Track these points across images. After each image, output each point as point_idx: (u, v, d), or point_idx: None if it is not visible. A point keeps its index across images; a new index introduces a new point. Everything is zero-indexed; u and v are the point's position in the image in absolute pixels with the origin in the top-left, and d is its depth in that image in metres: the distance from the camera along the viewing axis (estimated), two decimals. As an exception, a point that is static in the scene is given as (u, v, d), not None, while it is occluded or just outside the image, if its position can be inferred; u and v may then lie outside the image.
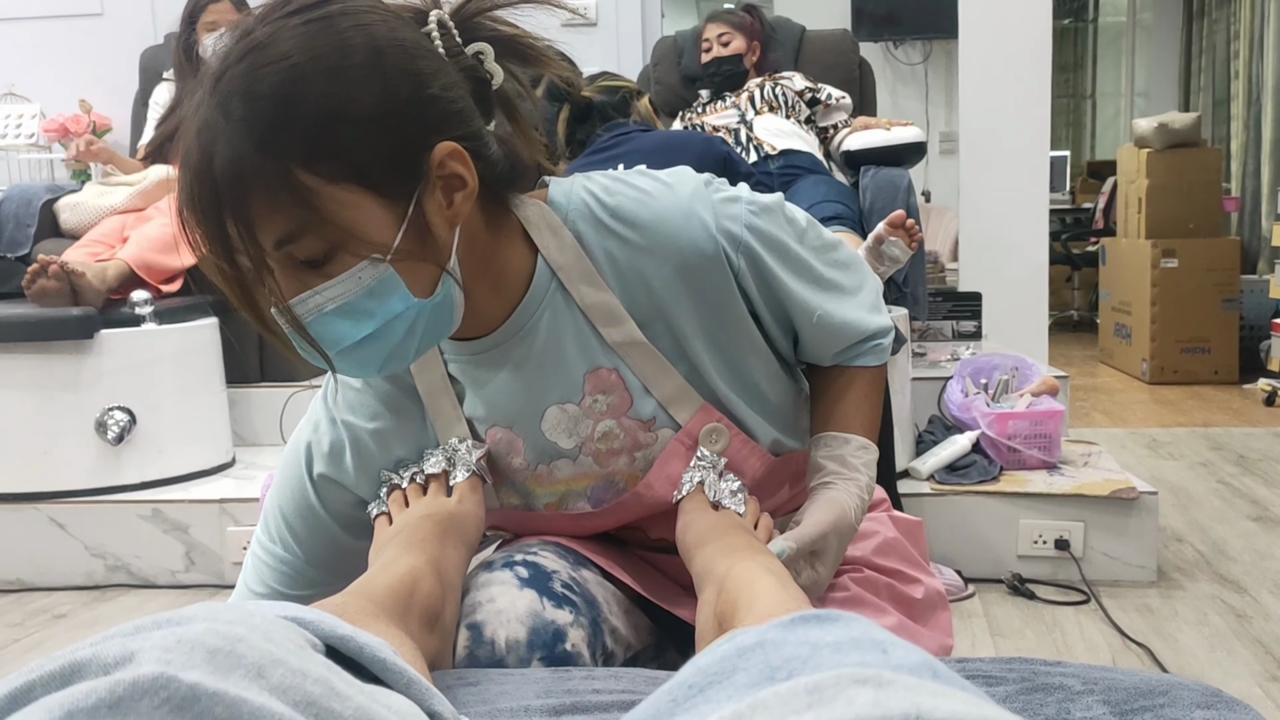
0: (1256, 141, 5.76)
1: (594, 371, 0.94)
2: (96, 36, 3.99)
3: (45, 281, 2.51)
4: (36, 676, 0.44)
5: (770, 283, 0.96)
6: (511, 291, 0.92)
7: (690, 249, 0.91)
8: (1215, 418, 4.11)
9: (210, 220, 0.76)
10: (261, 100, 0.75)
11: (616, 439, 0.96)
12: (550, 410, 0.95)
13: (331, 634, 0.57)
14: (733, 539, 0.85)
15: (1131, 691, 0.68)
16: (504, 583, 0.87)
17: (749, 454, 0.98)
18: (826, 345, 1.02)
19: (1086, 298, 7.04)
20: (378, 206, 0.79)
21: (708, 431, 0.96)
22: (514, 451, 0.98)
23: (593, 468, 0.97)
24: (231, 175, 0.74)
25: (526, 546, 0.95)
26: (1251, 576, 2.36)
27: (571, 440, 0.96)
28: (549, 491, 0.99)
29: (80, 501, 2.49)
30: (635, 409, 0.95)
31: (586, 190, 0.94)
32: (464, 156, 0.82)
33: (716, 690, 0.47)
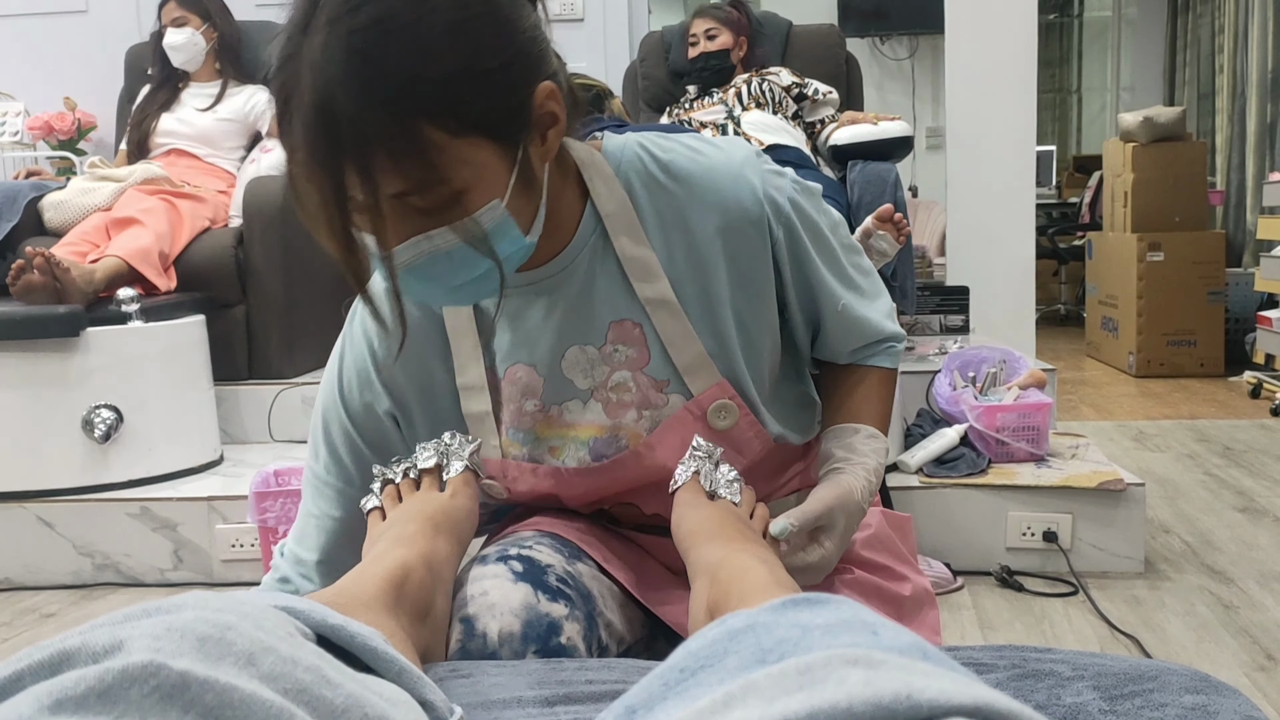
0: (1241, 135, 5.78)
1: (619, 322, 0.96)
2: (81, 34, 3.97)
3: (30, 276, 2.50)
4: (25, 665, 0.44)
5: (803, 262, 0.99)
6: (562, 231, 0.94)
7: (736, 207, 0.94)
8: (1201, 410, 4.13)
9: (329, 168, 0.75)
10: (388, 59, 0.74)
11: (628, 392, 0.97)
12: (572, 349, 0.97)
13: (322, 623, 0.57)
14: (727, 530, 0.85)
15: (1121, 677, 0.69)
16: (498, 576, 0.87)
17: (753, 436, 0.99)
18: (845, 339, 1.04)
19: (1073, 291, 7.07)
20: (495, 154, 0.80)
21: (718, 407, 0.97)
22: (530, 393, 0.98)
23: (601, 417, 0.98)
24: (356, 129, 0.74)
25: (521, 540, 0.94)
26: (1238, 567, 2.37)
27: (587, 381, 0.98)
28: (555, 435, 0.99)
29: (68, 500, 2.48)
30: (652, 367, 0.97)
31: (641, 146, 0.97)
32: (557, 94, 0.84)
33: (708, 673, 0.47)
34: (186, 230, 3.00)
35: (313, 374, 3.19)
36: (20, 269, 2.51)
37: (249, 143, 3.43)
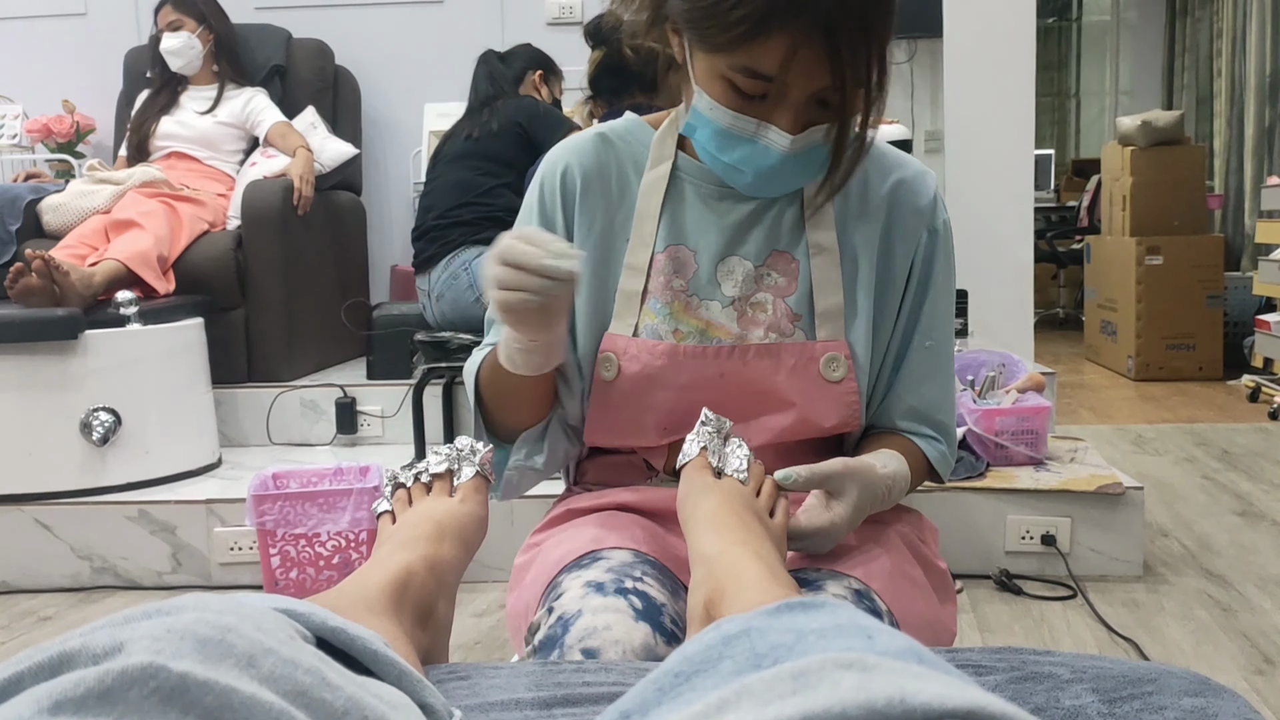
0: (1239, 139, 5.79)
1: (781, 252, 1.04)
2: (80, 37, 3.97)
3: (29, 279, 2.49)
4: (25, 667, 0.44)
5: (929, 278, 1.06)
6: None
7: (910, 186, 1.05)
8: (1200, 413, 4.13)
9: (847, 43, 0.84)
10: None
11: (764, 312, 1.03)
12: (732, 258, 1.04)
13: (323, 626, 0.57)
14: (727, 516, 0.85)
15: (1120, 680, 0.69)
16: (619, 611, 0.87)
17: (853, 400, 1.03)
18: (911, 386, 1.06)
19: (1072, 295, 7.07)
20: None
21: (831, 358, 1.01)
22: (681, 274, 1.04)
23: (732, 324, 1.03)
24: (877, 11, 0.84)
25: (629, 569, 0.93)
26: (1236, 570, 2.38)
27: (733, 291, 1.04)
28: (687, 321, 1.04)
29: (66, 503, 2.48)
30: (794, 299, 1.03)
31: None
32: None
33: (702, 678, 0.47)
34: (186, 233, 3.00)
35: (311, 376, 3.20)
36: (19, 272, 2.51)
37: (248, 146, 3.43)
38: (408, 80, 3.94)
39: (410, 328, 2.89)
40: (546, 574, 0.98)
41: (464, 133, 2.84)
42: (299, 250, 3.20)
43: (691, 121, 0.95)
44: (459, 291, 2.72)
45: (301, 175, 3.18)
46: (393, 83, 3.95)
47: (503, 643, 2.10)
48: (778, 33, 0.83)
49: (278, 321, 3.10)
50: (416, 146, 3.83)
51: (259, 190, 3.11)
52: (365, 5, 3.94)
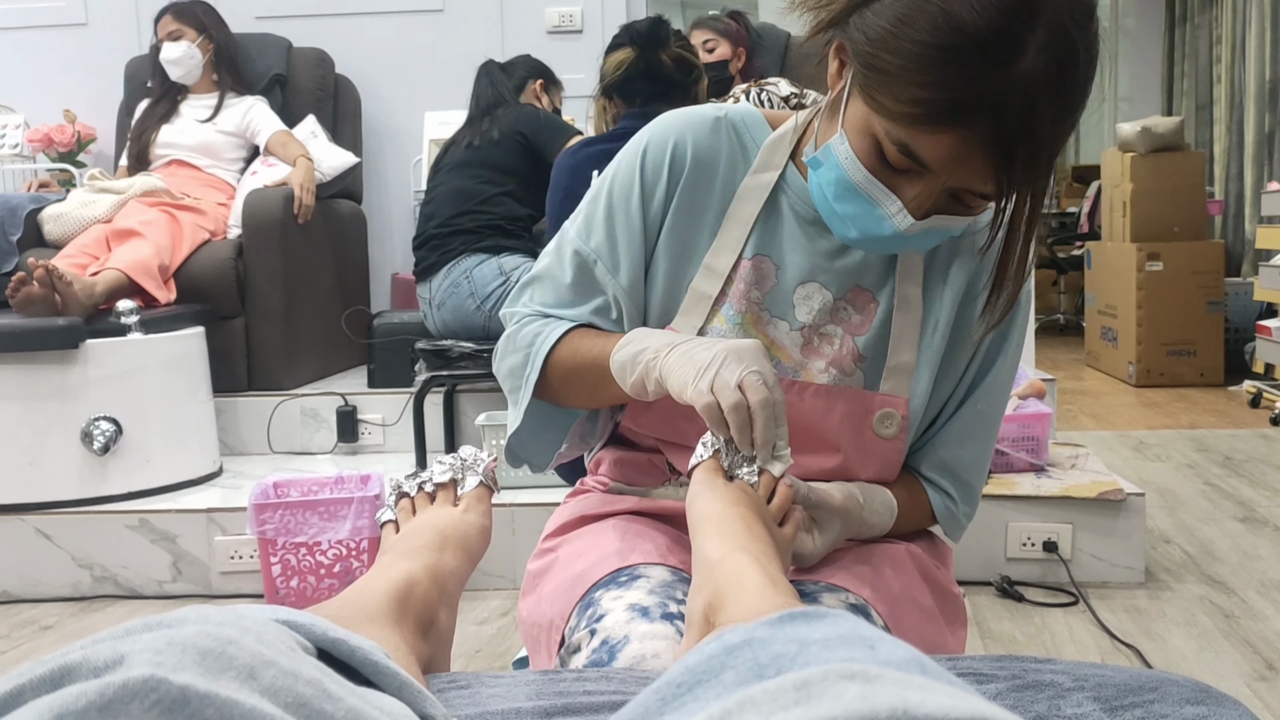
0: (1239, 145, 5.80)
1: (863, 290, 1.01)
2: (81, 47, 3.98)
3: (30, 288, 2.50)
4: (27, 680, 0.44)
5: (1001, 344, 1.04)
6: None
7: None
8: (1201, 419, 4.13)
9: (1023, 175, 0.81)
10: (1090, 83, 0.83)
11: (831, 344, 1.01)
12: (812, 284, 1.01)
13: (323, 637, 0.57)
14: (733, 520, 0.84)
15: (1122, 688, 0.69)
16: (667, 638, 0.86)
17: (896, 458, 1.01)
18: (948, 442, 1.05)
19: (1072, 301, 7.08)
20: None
21: (885, 414, 0.99)
22: (762, 286, 1.02)
23: (795, 350, 1.01)
24: (1049, 151, 0.81)
25: (670, 590, 0.93)
26: (1239, 577, 2.37)
27: (805, 317, 1.01)
28: (755, 335, 1.01)
29: (66, 512, 2.48)
30: (864, 340, 1.00)
31: None
32: None
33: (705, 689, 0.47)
34: (187, 242, 3.00)
35: (311, 385, 3.20)
36: (21, 281, 2.51)
37: (249, 154, 3.44)
38: (408, 89, 3.94)
39: (411, 336, 2.89)
40: (571, 586, 0.97)
41: (465, 141, 2.85)
42: (300, 259, 3.21)
43: (819, 157, 0.91)
44: (460, 299, 2.72)
45: (302, 184, 3.19)
46: (393, 91, 3.96)
47: (504, 651, 2.10)
48: (951, 128, 0.79)
49: (278, 330, 3.10)
50: (417, 155, 3.83)
51: (259, 199, 3.11)
52: (365, 14, 3.95)
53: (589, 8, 3.92)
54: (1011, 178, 0.81)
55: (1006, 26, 0.76)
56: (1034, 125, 0.78)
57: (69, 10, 3.99)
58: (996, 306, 0.93)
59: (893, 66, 0.79)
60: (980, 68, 0.76)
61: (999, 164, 0.80)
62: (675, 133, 1.03)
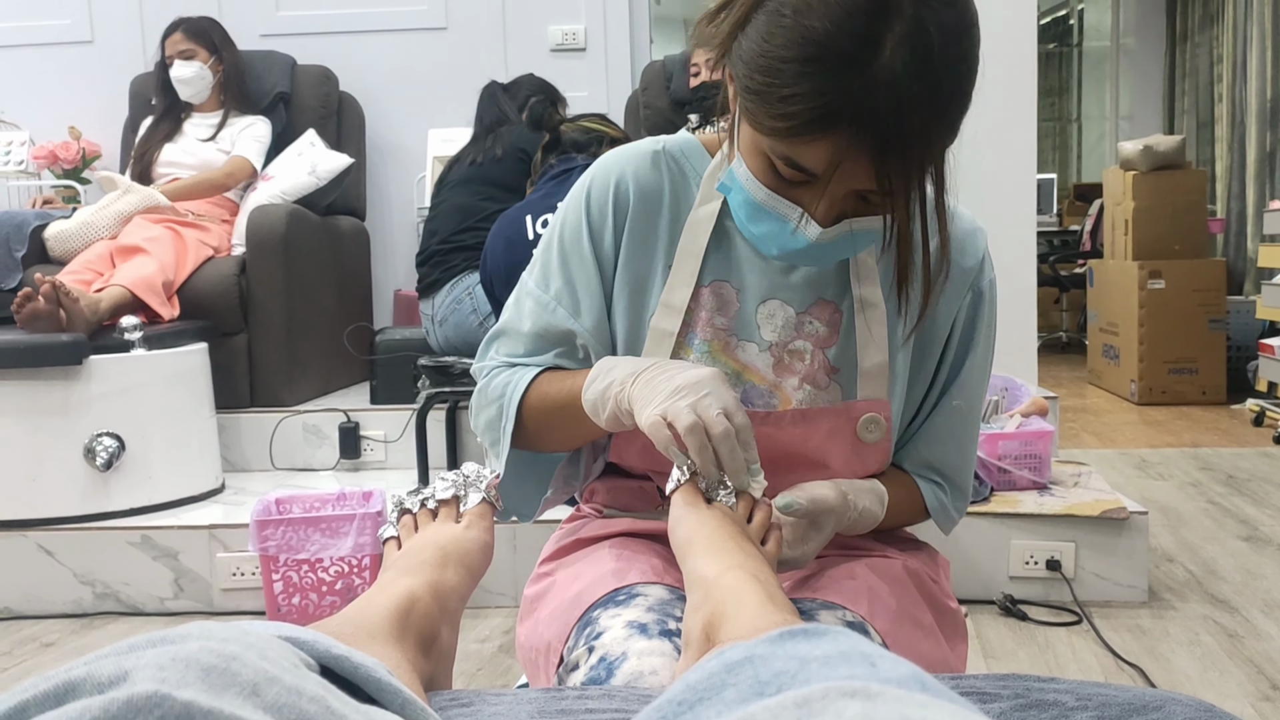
0: (1241, 163, 5.81)
1: (825, 301, 1.02)
2: (87, 64, 4.00)
3: (36, 304, 2.50)
4: (30, 696, 0.44)
5: (970, 339, 1.04)
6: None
7: (960, 244, 1.02)
8: (1204, 438, 4.12)
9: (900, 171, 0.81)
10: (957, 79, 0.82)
11: (802, 361, 1.01)
12: (773, 301, 1.02)
13: (326, 654, 0.57)
14: (723, 539, 0.85)
15: (1125, 707, 0.68)
16: (665, 655, 0.86)
17: (883, 460, 1.02)
18: (930, 441, 1.06)
19: (1075, 319, 7.08)
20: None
21: (870, 419, 1.00)
22: (723, 312, 1.02)
23: (768, 370, 1.02)
24: (923, 132, 0.80)
25: (668, 608, 0.93)
26: (1242, 596, 2.37)
27: (772, 335, 1.02)
28: (725, 363, 1.02)
29: (69, 528, 2.48)
30: (834, 351, 1.01)
31: None
32: None
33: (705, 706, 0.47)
34: (190, 259, 3.01)
35: (314, 401, 3.20)
36: (26, 296, 2.52)
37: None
38: (412, 106, 3.96)
39: (414, 352, 2.89)
40: (569, 607, 0.97)
41: (468, 158, 2.86)
42: (302, 275, 3.21)
43: (726, 182, 0.93)
44: (463, 316, 2.72)
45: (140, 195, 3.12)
46: (397, 108, 3.97)
47: (506, 669, 2.09)
48: (827, 135, 0.80)
49: (281, 346, 3.11)
50: (420, 172, 3.85)
51: (263, 216, 3.12)
52: (369, 32, 3.97)
53: (592, 26, 3.94)
54: (892, 172, 0.81)
55: (859, 29, 0.77)
56: (904, 118, 0.78)
57: (75, 28, 4.01)
58: (909, 300, 0.93)
59: (762, 85, 0.81)
60: (840, 73, 0.77)
61: (877, 162, 0.80)
62: (617, 171, 1.05)
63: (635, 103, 3.54)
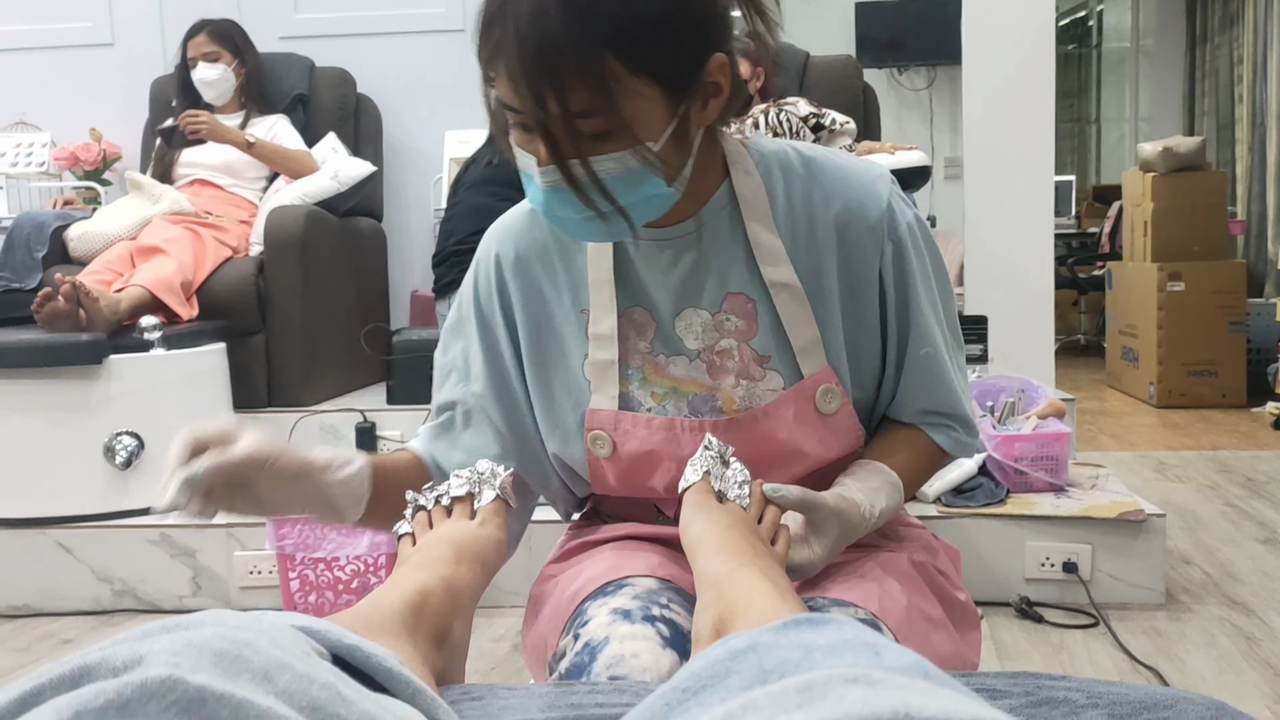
0: (1261, 164, 5.77)
1: (736, 294, 1.02)
2: (107, 66, 4.03)
3: (56, 304, 2.53)
4: (46, 680, 0.45)
5: (906, 286, 1.02)
6: (698, 199, 1.00)
7: (858, 206, 1.00)
8: (1223, 440, 4.10)
9: (530, 82, 0.84)
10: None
11: (731, 358, 1.02)
12: (687, 310, 1.02)
13: (338, 643, 0.57)
14: (734, 538, 0.85)
15: (1136, 705, 0.68)
16: (647, 639, 0.88)
17: (851, 426, 1.02)
18: (917, 392, 1.05)
19: (1093, 321, 7.04)
20: (660, 101, 0.88)
21: (825, 390, 1.00)
22: (643, 335, 1.04)
23: (703, 375, 1.02)
24: (556, 48, 0.82)
25: (655, 596, 0.94)
26: (1260, 599, 2.35)
27: (696, 343, 1.02)
28: (660, 382, 1.03)
29: (88, 526, 2.50)
30: (757, 341, 1.01)
31: (791, 145, 1.04)
32: (727, 68, 0.92)
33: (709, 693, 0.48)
34: (209, 259, 3.03)
35: (331, 401, 3.22)
36: (46, 296, 2.55)
37: (270, 173, 3.47)
38: (429, 107, 3.97)
39: (430, 353, 2.88)
40: (566, 605, 0.98)
41: (484, 159, 2.87)
42: (320, 276, 3.23)
43: (525, 184, 0.95)
44: (478, 317, 2.73)
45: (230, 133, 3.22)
46: (414, 110, 3.99)
47: (520, 668, 2.10)
48: (496, 57, 0.86)
49: (298, 346, 3.12)
50: (437, 173, 3.86)
51: (281, 216, 3.14)
52: (387, 34, 3.99)
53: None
54: (531, 79, 0.84)
55: None
56: (525, 49, 0.83)
57: (95, 31, 4.04)
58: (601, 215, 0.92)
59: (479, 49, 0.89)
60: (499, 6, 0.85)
61: (516, 89, 0.85)
62: (496, 247, 1.09)
63: (651, 104, 3.54)
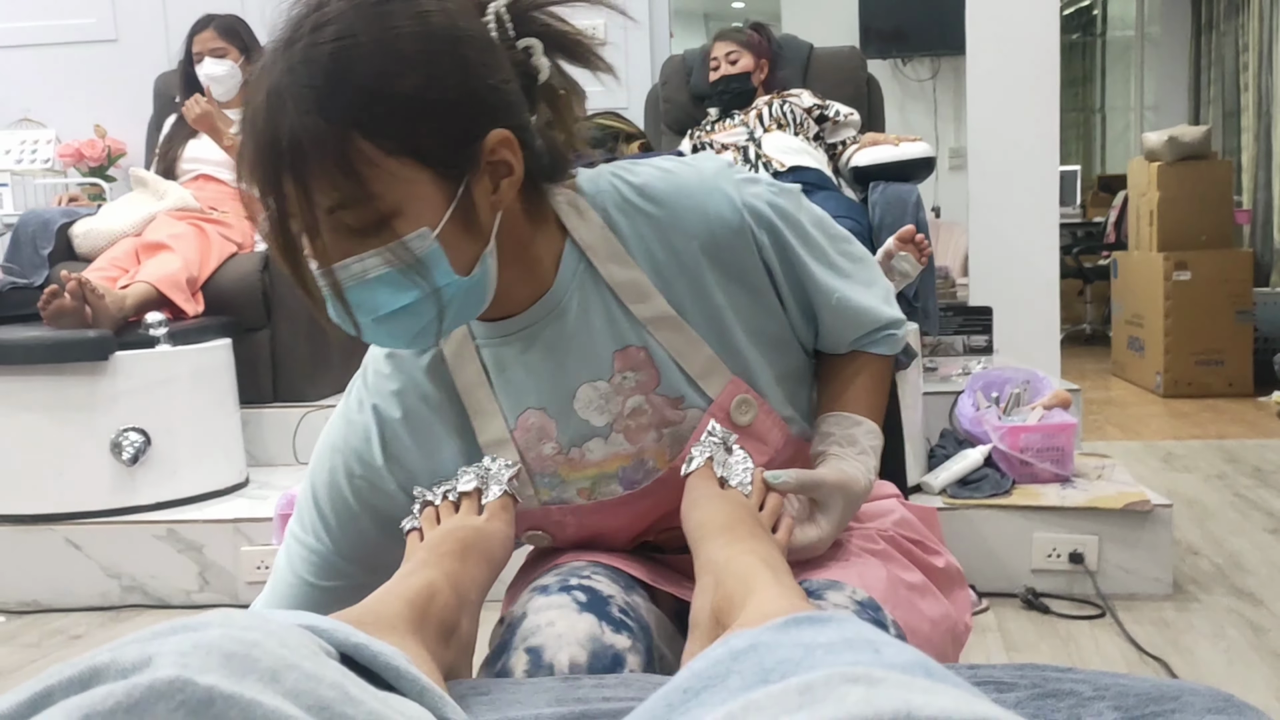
0: (1267, 153, 5.75)
1: (623, 350, 0.96)
2: (111, 63, 4.03)
3: (62, 301, 2.53)
4: (56, 681, 0.45)
5: (792, 262, 0.99)
6: (544, 275, 0.95)
7: (716, 221, 0.96)
8: (1230, 430, 4.09)
9: (270, 179, 0.79)
10: (324, 70, 0.78)
11: (645, 414, 0.97)
12: (582, 389, 0.97)
13: (345, 642, 0.58)
14: (735, 524, 0.86)
15: (1142, 697, 0.68)
16: (563, 606, 0.87)
17: (772, 426, 1.00)
18: (844, 331, 1.04)
19: (1099, 311, 7.03)
20: (430, 184, 0.82)
21: (738, 403, 0.98)
22: (546, 436, 0.99)
23: (624, 446, 0.98)
24: (295, 137, 0.78)
25: (578, 570, 0.95)
26: (1268, 589, 2.35)
27: (604, 417, 0.98)
28: (582, 476, 0.99)
29: (95, 522, 2.51)
30: (663, 386, 0.97)
31: (613, 174, 0.98)
32: (514, 145, 0.86)
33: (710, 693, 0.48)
34: (214, 255, 3.04)
35: (337, 396, 3.21)
36: (53, 294, 2.55)
37: (276, 168, 3.47)
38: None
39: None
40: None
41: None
42: (325, 271, 3.23)
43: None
44: (483, 311, 2.74)
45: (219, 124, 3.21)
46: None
47: (527, 661, 2.10)
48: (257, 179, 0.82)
49: (303, 342, 3.13)
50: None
51: (286, 212, 3.14)
52: (391, 29, 3.98)
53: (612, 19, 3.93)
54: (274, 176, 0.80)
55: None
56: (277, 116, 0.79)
57: (100, 27, 4.05)
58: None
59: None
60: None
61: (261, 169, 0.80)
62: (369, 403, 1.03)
63: (655, 97, 3.54)
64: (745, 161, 2.94)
